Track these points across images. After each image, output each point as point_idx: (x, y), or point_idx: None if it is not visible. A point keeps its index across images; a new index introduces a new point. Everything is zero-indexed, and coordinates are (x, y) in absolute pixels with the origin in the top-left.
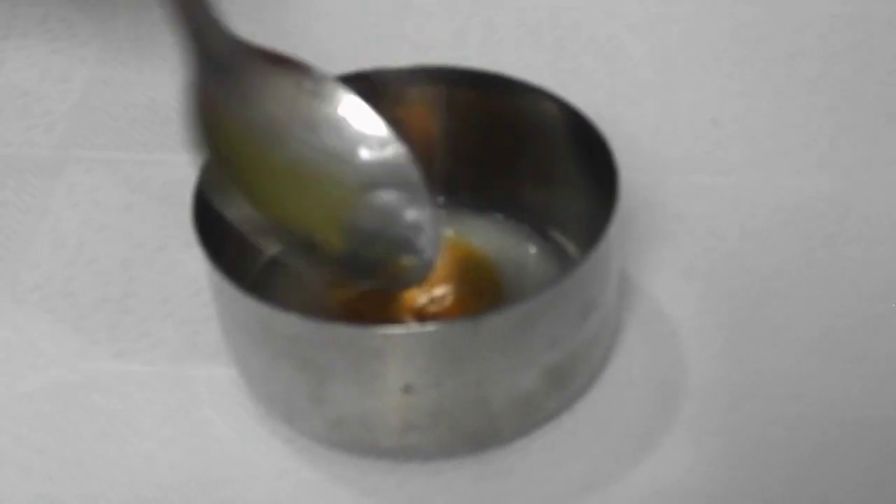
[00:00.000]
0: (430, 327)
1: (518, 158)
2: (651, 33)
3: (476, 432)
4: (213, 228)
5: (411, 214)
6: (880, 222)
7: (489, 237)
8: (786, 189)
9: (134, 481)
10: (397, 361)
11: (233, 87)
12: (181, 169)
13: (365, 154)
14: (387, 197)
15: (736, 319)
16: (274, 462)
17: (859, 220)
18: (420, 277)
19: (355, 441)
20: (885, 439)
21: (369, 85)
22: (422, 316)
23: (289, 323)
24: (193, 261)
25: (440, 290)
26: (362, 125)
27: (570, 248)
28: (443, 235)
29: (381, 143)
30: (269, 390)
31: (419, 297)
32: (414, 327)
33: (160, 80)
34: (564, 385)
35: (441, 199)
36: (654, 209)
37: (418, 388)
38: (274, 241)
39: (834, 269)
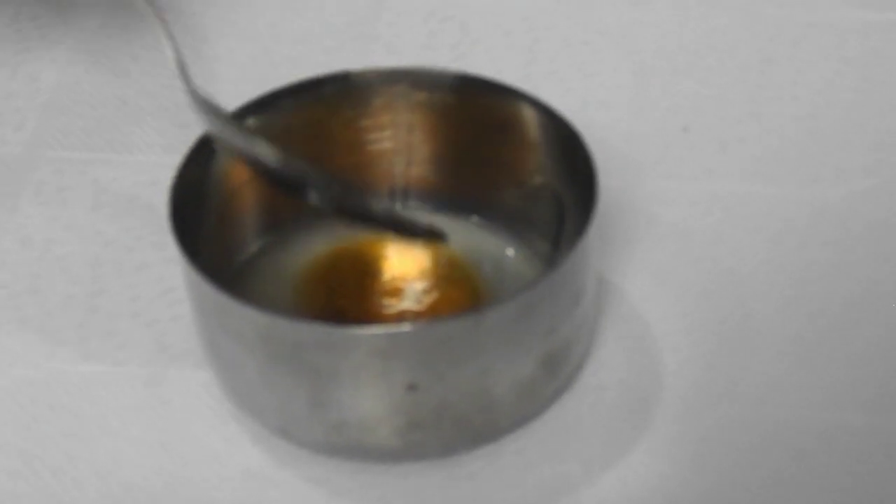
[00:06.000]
0: (435, 324)
1: (494, 160)
2: (624, 39)
3: (476, 426)
4: (188, 234)
5: None
6: (851, 227)
7: (465, 238)
8: (756, 195)
9: (101, 481)
10: (402, 360)
11: None
12: (150, 170)
13: None
14: None
15: (708, 322)
16: (242, 461)
17: (831, 225)
18: None
19: (354, 444)
20: (858, 444)
21: (344, 87)
22: (401, 316)
23: (292, 329)
24: (162, 261)
25: (418, 290)
26: None
27: (544, 246)
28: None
29: None
30: (260, 399)
31: (397, 298)
32: (419, 325)
33: (130, 80)
34: (558, 371)
35: (416, 201)
36: (626, 213)
37: (423, 386)
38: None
39: (806, 272)
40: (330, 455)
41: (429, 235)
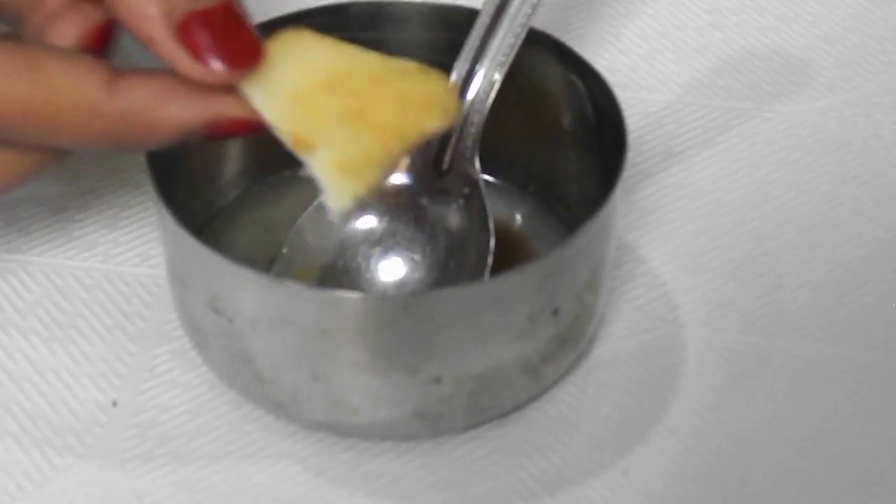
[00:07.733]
0: (445, 290)
1: (519, 115)
2: None
3: (482, 402)
4: (165, 178)
5: None
6: (874, 198)
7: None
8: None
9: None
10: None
11: None
12: None
13: None
14: None
15: (731, 292)
16: (238, 438)
17: (855, 198)
18: None
19: (350, 421)
20: (878, 434)
21: (372, 14)
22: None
23: (286, 295)
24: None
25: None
26: None
27: (564, 209)
28: None
29: None
30: (252, 377)
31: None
32: (430, 291)
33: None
34: (569, 346)
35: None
36: (651, 180)
37: (423, 360)
38: None
39: (833, 246)
40: (327, 432)
41: None
